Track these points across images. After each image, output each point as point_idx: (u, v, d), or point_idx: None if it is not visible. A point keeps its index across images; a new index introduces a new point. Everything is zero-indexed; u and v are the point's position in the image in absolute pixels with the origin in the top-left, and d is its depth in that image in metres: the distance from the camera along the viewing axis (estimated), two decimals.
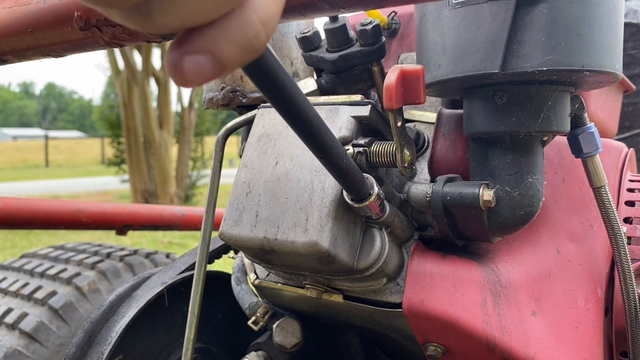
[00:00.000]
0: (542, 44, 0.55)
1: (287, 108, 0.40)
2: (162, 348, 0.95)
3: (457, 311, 0.66)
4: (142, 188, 9.41)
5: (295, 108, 0.40)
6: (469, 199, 0.63)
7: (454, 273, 0.68)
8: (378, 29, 0.75)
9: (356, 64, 0.77)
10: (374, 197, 0.59)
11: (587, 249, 0.72)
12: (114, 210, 1.59)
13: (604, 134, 0.92)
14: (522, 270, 0.69)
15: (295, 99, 0.39)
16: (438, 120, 0.74)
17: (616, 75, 0.59)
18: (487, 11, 0.57)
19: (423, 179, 0.75)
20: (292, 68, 0.92)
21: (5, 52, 0.61)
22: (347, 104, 0.67)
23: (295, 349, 0.82)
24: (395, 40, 1.00)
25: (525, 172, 0.64)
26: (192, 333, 0.77)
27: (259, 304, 0.87)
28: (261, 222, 0.64)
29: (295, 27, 0.91)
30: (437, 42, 0.61)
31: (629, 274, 0.67)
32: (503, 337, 0.65)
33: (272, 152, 0.68)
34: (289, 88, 0.37)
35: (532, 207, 0.65)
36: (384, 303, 0.70)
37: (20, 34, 0.57)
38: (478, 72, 0.57)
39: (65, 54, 0.60)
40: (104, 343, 0.84)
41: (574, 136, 0.67)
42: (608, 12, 0.57)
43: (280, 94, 0.37)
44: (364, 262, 0.65)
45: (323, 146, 0.47)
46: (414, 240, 0.72)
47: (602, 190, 0.67)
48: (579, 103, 0.66)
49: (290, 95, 0.38)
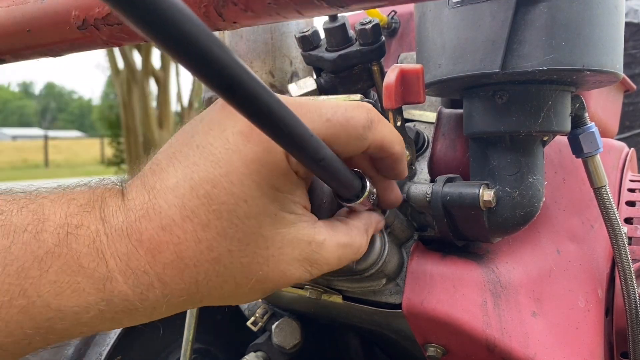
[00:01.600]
0: (542, 43, 0.55)
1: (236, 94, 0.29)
2: (161, 349, 0.94)
3: (457, 312, 0.65)
4: None
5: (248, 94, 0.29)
6: (469, 199, 0.62)
7: (453, 273, 0.68)
8: (378, 28, 0.74)
9: (355, 64, 0.77)
10: (364, 196, 0.50)
11: (587, 249, 0.72)
12: None
13: (605, 133, 0.92)
14: (523, 270, 0.69)
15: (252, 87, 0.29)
16: (438, 120, 0.74)
17: (617, 75, 0.59)
18: (487, 10, 0.56)
19: (423, 179, 0.74)
20: (291, 67, 0.92)
21: (3, 52, 0.60)
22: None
23: (294, 350, 0.82)
24: (395, 40, 1.00)
25: (525, 172, 0.63)
26: (191, 334, 0.77)
27: (258, 305, 0.87)
28: None
29: (294, 27, 0.91)
30: (436, 41, 0.61)
31: (629, 274, 0.66)
32: (503, 338, 0.64)
33: None
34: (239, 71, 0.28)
35: (533, 207, 0.64)
36: (383, 304, 0.70)
37: (18, 34, 0.57)
38: (478, 71, 0.57)
39: (63, 53, 0.60)
40: (102, 344, 0.84)
41: (575, 136, 0.67)
42: (609, 11, 0.56)
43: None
44: (363, 262, 0.64)
45: (293, 142, 0.35)
46: (414, 241, 0.72)
47: (603, 191, 0.67)
48: (579, 103, 0.66)
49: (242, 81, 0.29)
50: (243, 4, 0.46)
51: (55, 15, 0.54)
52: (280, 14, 0.46)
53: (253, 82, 0.29)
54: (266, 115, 0.31)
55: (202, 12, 0.47)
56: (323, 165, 0.39)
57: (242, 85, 0.29)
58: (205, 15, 0.48)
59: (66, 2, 0.53)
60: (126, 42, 0.54)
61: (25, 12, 0.55)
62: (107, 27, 0.52)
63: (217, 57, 0.27)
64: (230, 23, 0.49)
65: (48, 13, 0.54)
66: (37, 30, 0.55)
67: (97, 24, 0.52)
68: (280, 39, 0.90)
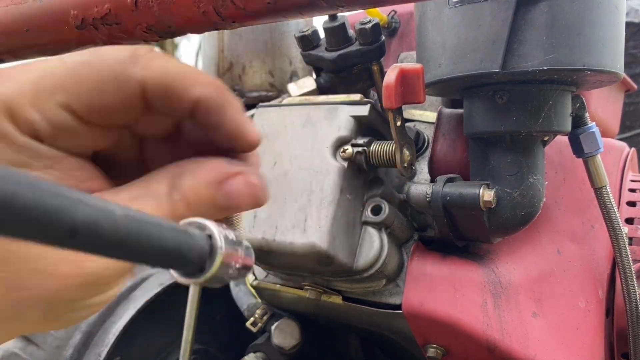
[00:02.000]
0: (542, 43, 0.55)
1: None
2: (160, 349, 0.94)
3: (457, 312, 0.65)
4: None
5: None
6: (469, 199, 0.62)
7: (454, 274, 0.67)
8: (377, 27, 0.74)
9: (355, 63, 0.76)
10: (218, 262, 0.25)
11: (588, 249, 0.71)
12: None
13: (605, 133, 0.92)
14: (523, 271, 0.69)
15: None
16: (438, 119, 0.74)
17: (617, 75, 0.59)
18: (487, 10, 0.56)
19: (423, 179, 0.74)
20: (290, 67, 0.91)
21: (2, 52, 0.60)
22: (346, 104, 0.67)
23: (294, 351, 0.82)
24: (395, 39, 1.00)
25: (525, 172, 0.63)
26: (190, 334, 0.77)
27: (257, 305, 0.86)
28: (259, 223, 0.64)
29: (294, 26, 0.91)
30: (436, 41, 0.61)
31: (630, 274, 0.66)
32: (503, 339, 0.64)
33: (271, 152, 0.67)
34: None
35: (533, 207, 0.64)
36: (383, 304, 0.70)
37: (16, 33, 0.56)
38: (478, 71, 0.57)
39: (62, 53, 0.59)
40: (101, 345, 0.84)
41: (575, 136, 0.67)
42: (609, 11, 0.56)
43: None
44: (363, 263, 0.64)
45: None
46: (414, 241, 0.72)
47: (604, 191, 0.67)
48: (580, 103, 0.66)
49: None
50: (242, 4, 0.46)
51: (53, 14, 0.53)
52: (279, 13, 0.46)
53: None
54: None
55: (201, 11, 0.47)
56: (83, 235, 0.19)
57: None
58: (204, 14, 0.47)
59: (65, 2, 0.53)
60: (125, 42, 0.54)
61: (24, 12, 0.55)
62: (105, 26, 0.52)
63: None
64: (229, 23, 0.48)
65: (46, 13, 0.54)
66: (36, 30, 0.55)
67: (96, 23, 0.52)
68: (280, 39, 0.89)
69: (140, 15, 0.50)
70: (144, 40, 0.54)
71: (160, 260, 0.23)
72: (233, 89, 0.90)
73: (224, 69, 0.90)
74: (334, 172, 0.62)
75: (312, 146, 0.65)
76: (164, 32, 0.51)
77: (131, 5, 0.49)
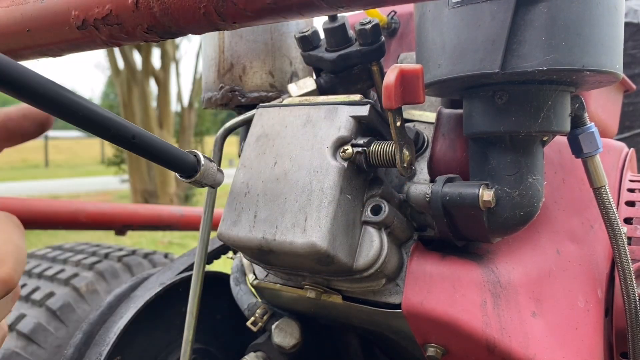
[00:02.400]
0: (542, 43, 0.55)
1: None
2: (161, 349, 0.94)
3: (457, 312, 0.65)
4: (141, 188, 9.41)
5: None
6: (468, 199, 0.62)
7: (453, 274, 0.67)
8: (377, 28, 0.74)
9: (355, 64, 0.77)
10: (200, 172, 0.53)
11: (587, 249, 0.72)
12: (113, 210, 1.59)
13: (604, 133, 0.92)
14: (522, 270, 0.69)
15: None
16: (438, 120, 0.74)
17: (616, 75, 0.59)
18: (486, 10, 0.56)
19: (422, 179, 0.74)
20: (290, 67, 0.92)
21: (3, 52, 0.60)
22: (346, 104, 0.67)
23: (294, 350, 0.82)
24: (394, 40, 1.00)
25: (525, 173, 0.63)
26: (190, 334, 0.77)
27: (257, 305, 0.87)
28: (260, 223, 0.64)
29: (294, 27, 0.91)
30: (436, 41, 0.61)
31: (629, 274, 0.66)
32: (503, 338, 0.64)
33: (271, 152, 0.68)
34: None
35: (532, 207, 0.64)
36: (383, 304, 0.70)
37: (18, 34, 0.56)
38: (478, 71, 0.57)
39: (63, 53, 0.59)
40: (102, 344, 0.84)
41: (574, 136, 0.67)
42: (608, 11, 0.56)
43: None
44: (362, 262, 0.64)
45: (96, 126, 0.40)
46: (414, 241, 0.72)
47: (603, 191, 0.67)
48: (579, 103, 0.66)
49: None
50: (243, 4, 0.46)
51: (54, 15, 0.54)
52: (280, 14, 0.46)
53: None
54: (69, 109, 0.37)
55: (201, 12, 0.47)
56: (136, 143, 0.42)
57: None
58: (204, 15, 0.48)
59: (66, 3, 0.53)
60: (125, 42, 0.54)
61: (25, 12, 0.55)
62: (106, 27, 0.52)
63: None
64: (230, 23, 0.49)
65: (48, 13, 0.54)
66: (37, 30, 0.55)
67: (97, 24, 0.52)
68: (280, 39, 0.90)
69: (141, 15, 0.50)
70: (144, 41, 0.55)
71: (171, 165, 0.48)
72: (233, 90, 0.90)
73: (224, 70, 0.90)
74: (333, 172, 0.63)
75: (312, 146, 0.65)
76: (165, 32, 0.51)
77: (132, 5, 0.49)
